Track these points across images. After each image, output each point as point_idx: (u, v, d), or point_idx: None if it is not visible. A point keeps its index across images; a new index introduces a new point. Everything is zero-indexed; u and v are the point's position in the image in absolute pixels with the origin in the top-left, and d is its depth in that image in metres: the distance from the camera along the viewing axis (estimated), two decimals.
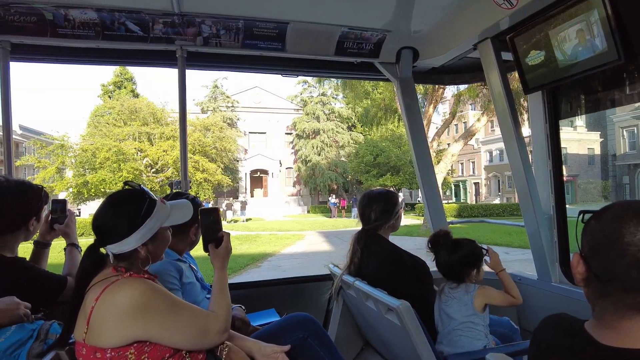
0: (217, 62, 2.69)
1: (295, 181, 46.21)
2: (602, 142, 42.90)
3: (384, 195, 2.25)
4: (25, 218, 1.74)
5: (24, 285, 1.62)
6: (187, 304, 1.41)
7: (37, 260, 1.92)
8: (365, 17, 2.36)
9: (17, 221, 1.71)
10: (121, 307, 1.21)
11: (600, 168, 43.07)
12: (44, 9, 2.01)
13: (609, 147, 41.57)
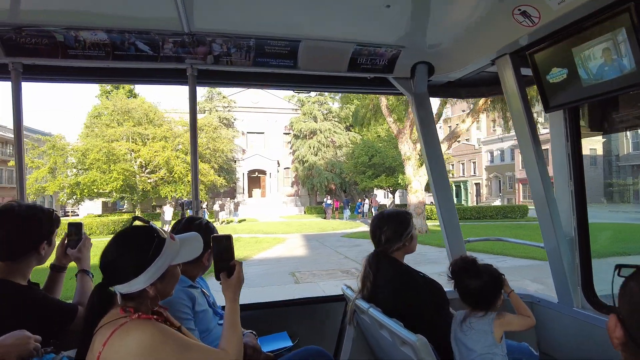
0: (228, 79, 2.70)
1: (294, 181, 46.03)
2: (605, 142, 42.09)
3: (395, 216, 2.18)
4: (36, 242, 1.71)
5: (34, 315, 1.61)
6: (198, 345, 1.41)
7: (53, 284, 1.92)
8: (379, 34, 2.32)
9: (28, 246, 1.70)
10: (130, 353, 1.19)
11: (602, 169, 42.28)
12: (55, 31, 2.05)
13: (612, 148, 40.82)
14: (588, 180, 2.35)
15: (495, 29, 2.12)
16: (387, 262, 2.11)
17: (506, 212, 25.89)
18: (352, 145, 38.33)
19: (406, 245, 2.14)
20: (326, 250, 13.76)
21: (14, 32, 2.03)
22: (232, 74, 2.58)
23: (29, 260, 1.72)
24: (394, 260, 2.11)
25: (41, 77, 2.44)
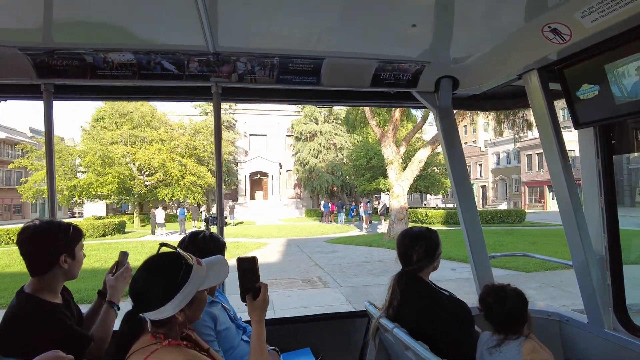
0: (252, 95, 2.74)
1: (296, 184, 45.91)
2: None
3: (426, 234, 2.13)
4: (54, 255, 1.73)
5: (47, 336, 1.62)
6: None
7: (96, 310, 1.95)
8: (403, 50, 2.31)
9: (47, 259, 1.73)
10: None
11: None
12: (85, 53, 2.14)
13: None
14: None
15: (523, 46, 2.08)
16: (414, 282, 2.08)
17: (503, 216, 25.24)
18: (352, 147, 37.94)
19: (434, 265, 2.11)
20: (301, 256, 13.54)
21: (47, 55, 2.14)
22: (256, 90, 2.63)
23: (55, 275, 1.75)
24: (421, 280, 2.08)
25: (71, 96, 2.55)
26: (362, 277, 10.08)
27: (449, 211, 26.04)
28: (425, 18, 1.91)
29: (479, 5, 1.80)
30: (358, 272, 10.75)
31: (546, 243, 14.65)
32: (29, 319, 1.65)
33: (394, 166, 15.97)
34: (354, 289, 8.86)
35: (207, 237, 2.02)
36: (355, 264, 11.87)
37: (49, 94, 2.38)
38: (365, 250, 14.58)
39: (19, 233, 1.74)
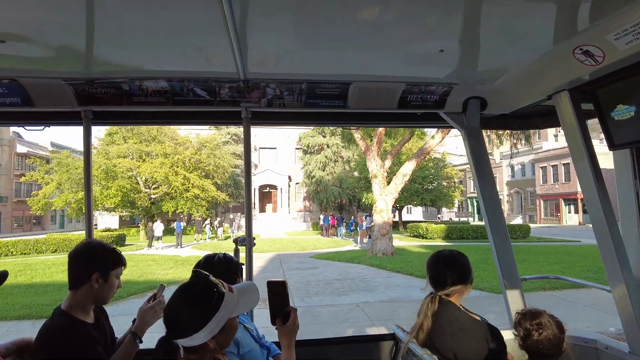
0: (280, 119, 2.84)
1: (305, 197, 45.88)
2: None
3: (459, 257, 2.10)
4: (88, 272, 1.79)
5: (69, 355, 1.65)
6: None
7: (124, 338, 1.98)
8: (430, 73, 2.34)
9: (81, 274, 1.79)
10: None
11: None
12: (122, 81, 2.28)
13: None
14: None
15: (554, 67, 2.08)
16: (447, 307, 2.03)
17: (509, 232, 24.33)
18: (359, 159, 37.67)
19: (467, 290, 2.08)
20: (276, 273, 13.36)
21: (87, 84, 2.29)
22: (284, 114, 2.73)
23: (86, 292, 1.79)
24: (454, 306, 2.04)
25: (108, 121, 2.72)
26: (323, 297, 9.83)
27: (449, 226, 25.29)
28: (452, 41, 1.91)
29: (506, 29, 1.80)
30: (322, 290, 10.49)
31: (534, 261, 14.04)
32: (57, 334, 1.69)
33: (378, 180, 15.69)
34: (305, 310, 8.64)
35: (222, 259, 2.02)
36: (325, 282, 11.61)
37: (88, 120, 2.54)
38: (344, 267, 14.26)
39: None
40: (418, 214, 58.73)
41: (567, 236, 25.45)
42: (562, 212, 42.58)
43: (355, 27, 1.77)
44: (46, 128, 2.79)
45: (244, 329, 1.98)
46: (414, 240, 24.15)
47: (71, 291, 1.81)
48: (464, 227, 24.87)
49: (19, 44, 1.85)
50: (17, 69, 2.17)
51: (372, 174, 15.95)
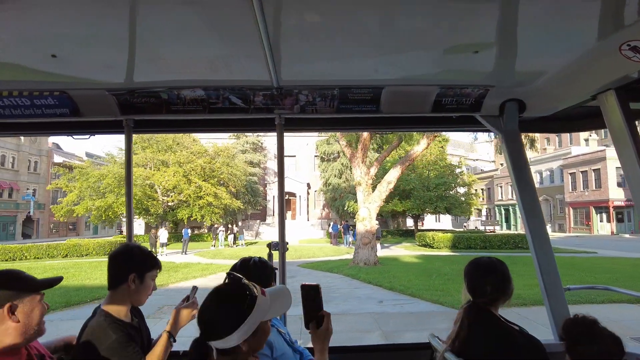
0: (312, 125, 2.93)
1: (324, 204, 45.84)
2: None
3: (498, 266, 2.03)
4: (125, 273, 1.87)
5: (106, 351, 1.72)
6: None
7: (158, 339, 2.03)
8: (465, 75, 2.30)
9: (119, 274, 1.88)
10: None
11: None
12: (161, 91, 2.41)
13: None
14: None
15: (598, 65, 1.98)
16: (486, 317, 1.97)
17: (517, 241, 23.09)
18: None
19: (507, 299, 2.01)
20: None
21: (128, 94, 2.44)
22: (316, 120, 2.75)
23: (122, 292, 1.88)
24: (492, 316, 1.98)
25: (148, 129, 2.83)
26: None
27: (456, 235, 24.46)
28: (488, 42, 1.87)
29: (546, 27, 1.73)
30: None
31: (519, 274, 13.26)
32: (96, 331, 1.77)
33: (362, 188, 15.42)
34: None
35: (257, 263, 2.06)
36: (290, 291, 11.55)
37: (130, 129, 2.68)
38: (321, 276, 14.04)
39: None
40: (447, 222, 57.21)
41: (591, 247, 23.89)
42: (593, 220, 40.05)
43: (387, 31, 1.74)
44: (91, 137, 2.93)
45: (277, 332, 1.99)
46: (418, 250, 23.50)
47: (110, 291, 1.90)
48: (471, 236, 23.96)
49: (69, 58, 1.97)
50: (67, 81, 2.32)
51: (356, 181, 15.71)
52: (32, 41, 1.80)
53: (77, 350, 1.80)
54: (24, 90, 2.40)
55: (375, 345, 2.88)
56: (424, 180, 32.11)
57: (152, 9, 1.56)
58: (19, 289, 1.52)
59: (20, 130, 2.94)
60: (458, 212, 33.56)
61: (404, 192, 31.66)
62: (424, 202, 30.98)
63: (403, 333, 7.38)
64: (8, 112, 2.51)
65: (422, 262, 17.19)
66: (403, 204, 31.68)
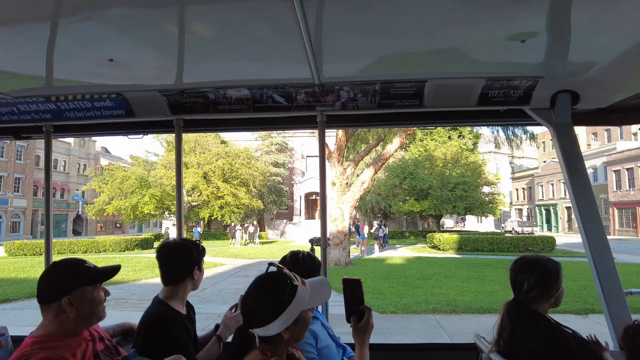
0: (354, 121, 2.99)
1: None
2: None
3: (541, 262, 1.93)
4: (190, 267, 2.03)
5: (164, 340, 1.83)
6: None
7: (208, 337, 2.16)
8: (512, 67, 2.22)
9: (184, 270, 2.02)
10: None
11: None
12: (208, 91, 2.54)
13: None
14: None
15: None
16: (528, 316, 1.87)
17: (527, 244, 21.71)
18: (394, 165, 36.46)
19: (551, 298, 1.89)
20: (220, 280, 13.69)
21: (178, 94, 2.58)
22: (358, 116, 2.77)
23: (186, 285, 2.03)
24: (536, 314, 1.87)
25: (197, 129, 3.00)
26: (209, 305, 9.99)
27: (462, 236, 23.38)
28: (536, 30, 1.76)
29: (600, 13, 1.60)
30: (213, 299, 10.53)
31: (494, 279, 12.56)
32: (157, 320, 1.88)
33: (336, 188, 15.30)
34: None
35: (306, 257, 2.12)
36: (233, 291, 11.54)
37: (180, 128, 2.82)
38: None
39: (159, 247, 2.09)
40: (490, 223, 54.75)
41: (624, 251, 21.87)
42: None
43: (429, 23, 1.70)
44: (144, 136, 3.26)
45: (322, 325, 2.02)
46: (422, 251, 22.75)
47: (170, 284, 2.00)
48: (478, 238, 22.81)
49: (124, 61, 2.11)
50: (122, 84, 2.47)
51: (332, 181, 15.61)
52: (92, 46, 1.91)
53: (138, 337, 1.89)
54: (85, 94, 2.60)
55: (418, 343, 2.85)
56: (443, 179, 30.98)
57: (199, 13, 1.64)
58: (79, 278, 1.61)
59: (81, 131, 3.17)
60: (479, 213, 32.02)
61: (422, 191, 30.74)
62: (441, 202, 29.89)
63: None
64: (72, 115, 2.74)
65: (404, 264, 16.70)
66: (421, 204, 30.75)
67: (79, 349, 1.59)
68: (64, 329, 1.57)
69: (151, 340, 1.81)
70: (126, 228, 56.71)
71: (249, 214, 36.46)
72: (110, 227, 54.48)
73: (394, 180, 31.99)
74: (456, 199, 29.90)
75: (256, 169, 34.83)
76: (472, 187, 30.21)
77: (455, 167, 32.44)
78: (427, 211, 30.88)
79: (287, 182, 45.04)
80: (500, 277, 12.70)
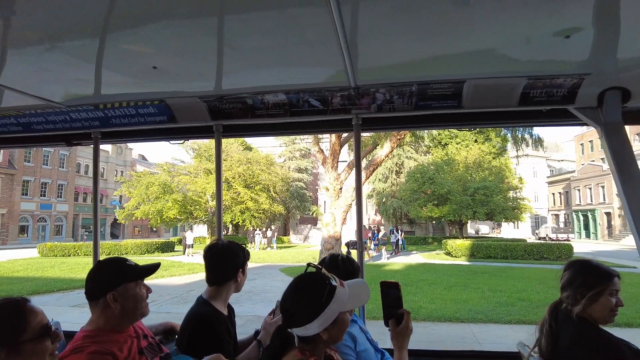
0: (390, 124, 2.88)
1: (376, 209, 45.37)
2: None
3: (588, 265, 1.83)
4: (235, 269, 2.07)
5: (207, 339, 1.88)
6: None
7: (248, 342, 2.17)
8: (555, 64, 2.12)
9: (229, 272, 2.06)
10: None
11: None
12: (246, 97, 2.59)
13: None
14: None
15: None
16: (571, 320, 1.76)
17: (542, 252, 20.67)
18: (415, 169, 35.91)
19: (585, 304, 1.73)
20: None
21: (217, 100, 2.63)
22: (394, 119, 2.71)
23: (229, 286, 2.07)
24: (584, 321, 1.73)
25: (235, 133, 3.03)
26: (184, 305, 10.37)
27: (475, 243, 22.66)
28: (582, 25, 1.68)
29: None
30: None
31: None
32: (202, 320, 1.93)
33: (330, 193, 15.39)
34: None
35: (345, 260, 2.11)
36: (247, 291, 12.07)
37: (219, 133, 2.88)
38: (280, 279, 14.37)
39: (207, 247, 2.13)
40: (527, 230, 52.71)
41: None
42: None
43: (468, 22, 1.67)
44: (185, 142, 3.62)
45: (360, 330, 2.02)
46: (433, 258, 22.27)
47: (215, 285, 2.05)
48: (491, 244, 22.03)
49: (166, 68, 2.18)
50: (164, 91, 2.56)
51: (324, 187, 15.72)
52: (137, 56, 2.01)
53: (182, 336, 1.95)
54: (130, 101, 2.71)
55: (460, 350, 2.82)
56: (463, 183, 30.22)
57: (238, 22, 1.68)
58: (122, 276, 1.70)
59: (126, 137, 3.29)
60: (500, 219, 30.88)
61: (441, 197, 30.15)
62: (461, 208, 29.16)
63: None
64: (118, 122, 2.88)
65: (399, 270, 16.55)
66: (440, 209, 30.16)
67: (125, 345, 1.67)
68: (110, 325, 1.67)
69: (196, 340, 1.86)
70: (161, 232, 59.00)
71: (271, 219, 37.08)
72: (146, 231, 56.93)
73: (413, 185, 31.56)
74: (476, 204, 29.08)
75: (276, 174, 35.42)
76: (493, 192, 29.26)
77: (478, 171, 31.58)
78: (447, 217, 30.23)
79: (312, 188, 45.39)
80: (487, 285, 12.41)
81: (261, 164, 34.95)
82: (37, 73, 2.21)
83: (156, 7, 1.57)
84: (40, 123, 3.01)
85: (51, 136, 3.21)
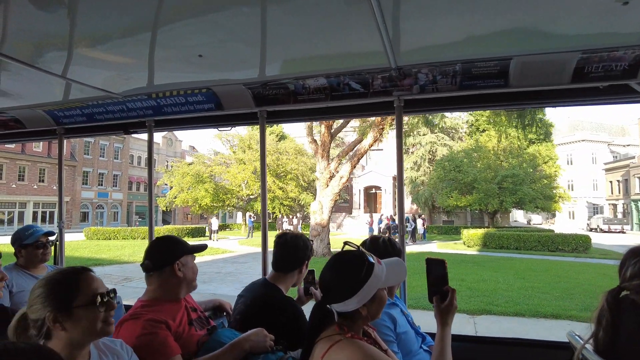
0: (434, 105, 2.73)
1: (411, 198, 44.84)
2: None
3: None
4: (302, 260, 2.20)
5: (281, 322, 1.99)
6: None
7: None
8: (613, 36, 1.93)
9: (296, 262, 2.18)
10: None
11: None
12: (288, 82, 2.64)
13: None
14: None
15: None
16: (633, 307, 1.62)
17: (557, 243, 19.58)
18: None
19: None
20: (224, 265, 14.98)
21: (261, 87, 2.71)
22: (437, 100, 2.61)
23: (292, 276, 2.20)
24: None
25: (278, 119, 3.05)
26: (212, 284, 11.21)
27: (487, 232, 21.90)
28: None
29: None
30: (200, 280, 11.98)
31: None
32: (275, 304, 2.05)
33: (320, 182, 15.83)
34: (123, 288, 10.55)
35: (387, 241, 2.14)
36: (214, 273, 13.00)
37: (263, 119, 2.91)
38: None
39: (281, 234, 2.24)
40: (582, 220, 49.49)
41: None
42: None
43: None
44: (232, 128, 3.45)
45: (401, 313, 2.02)
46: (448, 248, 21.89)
47: (281, 272, 2.16)
48: (504, 234, 21.24)
49: (212, 57, 2.24)
50: (211, 79, 2.63)
51: (314, 176, 16.18)
52: (184, 45, 2.08)
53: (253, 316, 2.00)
54: (180, 90, 2.83)
55: (510, 338, 2.70)
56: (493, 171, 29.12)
57: (279, 8, 1.71)
58: (182, 249, 1.89)
59: (177, 125, 3.43)
60: (530, 208, 29.35)
61: (467, 185, 29.31)
62: (486, 197, 28.17)
63: None
64: (169, 110, 3.01)
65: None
66: (466, 198, 29.36)
67: (177, 315, 1.81)
68: (167, 294, 1.82)
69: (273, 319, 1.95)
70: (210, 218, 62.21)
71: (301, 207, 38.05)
72: (196, 217, 60.41)
73: (440, 173, 30.93)
74: (504, 192, 27.94)
75: (303, 163, 36.19)
76: (523, 180, 27.92)
77: (508, 159, 30.22)
78: (472, 206, 29.37)
79: None
80: (480, 275, 12.27)
81: (290, 153, 35.87)
82: (98, 67, 2.41)
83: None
84: (101, 113, 3.30)
85: (110, 125, 3.50)
